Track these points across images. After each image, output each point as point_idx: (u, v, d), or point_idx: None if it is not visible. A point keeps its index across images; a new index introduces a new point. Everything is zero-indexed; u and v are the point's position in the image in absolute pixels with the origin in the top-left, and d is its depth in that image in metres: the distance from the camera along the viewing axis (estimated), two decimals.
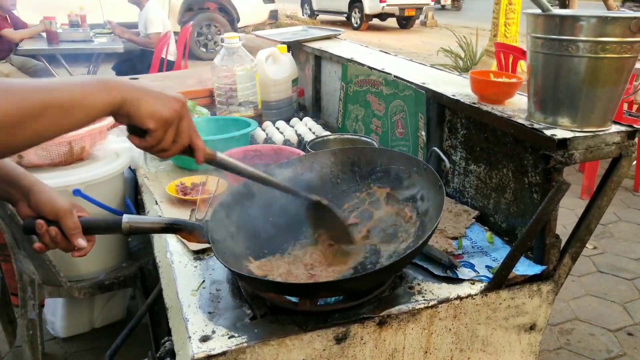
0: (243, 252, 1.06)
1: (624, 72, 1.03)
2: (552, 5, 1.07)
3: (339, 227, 1.10)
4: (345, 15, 14.35)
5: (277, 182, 1.02)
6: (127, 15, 6.78)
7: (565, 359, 2.20)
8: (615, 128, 1.07)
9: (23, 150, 0.72)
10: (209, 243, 0.98)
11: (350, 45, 2.25)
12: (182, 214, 1.38)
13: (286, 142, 1.82)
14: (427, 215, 1.05)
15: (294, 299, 0.99)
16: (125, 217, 0.92)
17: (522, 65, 4.87)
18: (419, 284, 1.08)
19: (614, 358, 2.20)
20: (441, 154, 1.16)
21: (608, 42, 0.98)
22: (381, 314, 0.98)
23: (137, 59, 5.10)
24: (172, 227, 0.97)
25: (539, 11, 1.07)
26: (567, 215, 3.25)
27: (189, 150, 0.85)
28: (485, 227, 1.30)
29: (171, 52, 5.12)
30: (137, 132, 0.79)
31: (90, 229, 0.95)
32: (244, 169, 0.95)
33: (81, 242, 0.94)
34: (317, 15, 15.69)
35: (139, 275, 1.85)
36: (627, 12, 0.99)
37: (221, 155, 0.90)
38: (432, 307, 1.02)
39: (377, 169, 1.18)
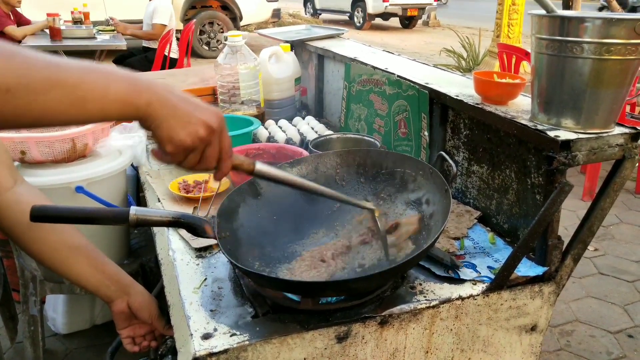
0: (248, 249, 1.06)
1: (628, 73, 1.02)
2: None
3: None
4: (348, 14, 14.35)
5: (328, 192, 0.97)
6: (130, 12, 6.79)
7: None
8: (618, 130, 1.07)
9: (18, 126, 0.65)
10: (216, 239, 0.98)
11: (353, 45, 2.25)
12: (184, 212, 1.38)
13: (289, 140, 1.82)
14: (433, 218, 1.05)
15: (295, 298, 0.99)
16: (133, 209, 0.92)
17: (525, 66, 4.87)
18: (420, 284, 1.08)
19: None
20: (448, 158, 1.16)
21: (613, 43, 0.98)
22: (383, 314, 0.98)
23: (137, 58, 5.10)
24: (179, 222, 0.97)
25: (543, 12, 1.07)
26: (568, 217, 3.25)
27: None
28: (488, 228, 1.30)
29: (173, 50, 5.12)
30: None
31: (97, 219, 0.95)
32: (288, 179, 0.89)
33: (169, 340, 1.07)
34: (320, 14, 15.69)
35: (141, 273, 1.85)
36: (632, 14, 0.99)
37: (260, 167, 0.83)
38: (433, 307, 1.02)
39: (383, 172, 1.18)
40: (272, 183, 0.88)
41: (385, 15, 13.79)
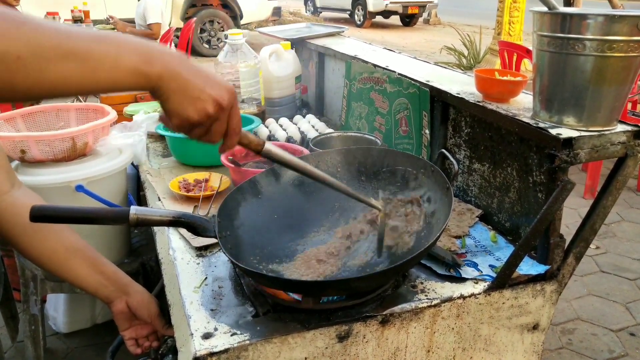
0: (249, 248, 1.06)
1: (630, 71, 1.02)
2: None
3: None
4: (349, 12, 14.34)
5: (336, 184, 0.95)
6: (130, 11, 6.77)
7: (567, 359, 2.19)
8: (621, 127, 1.07)
9: (30, 97, 0.63)
10: (216, 238, 0.97)
11: (354, 43, 2.24)
12: (184, 211, 1.38)
13: (289, 139, 1.81)
14: (434, 216, 1.05)
15: (296, 297, 0.99)
16: (133, 209, 0.92)
17: (526, 64, 4.86)
18: (422, 283, 1.07)
19: (616, 358, 2.20)
20: (450, 156, 1.16)
21: (615, 40, 0.97)
22: (384, 313, 0.98)
23: None
24: (179, 221, 0.97)
25: (545, 9, 1.06)
26: (569, 215, 3.25)
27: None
28: (489, 226, 1.30)
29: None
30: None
31: (97, 219, 0.95)
32: (296, 163, 0.87)
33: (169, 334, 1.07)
34: (320, 12, 15.68)
35: (141, 272, 1.84)
36: (635, 11, 0.98)
37: (269, 147, 0.82)
38: (435, 306, 1.02)
39: (384, 170, 1.18)
40: (281, 166, 0.86)
41: (386, 13, 13.77)
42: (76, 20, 5.51)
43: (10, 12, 0.58)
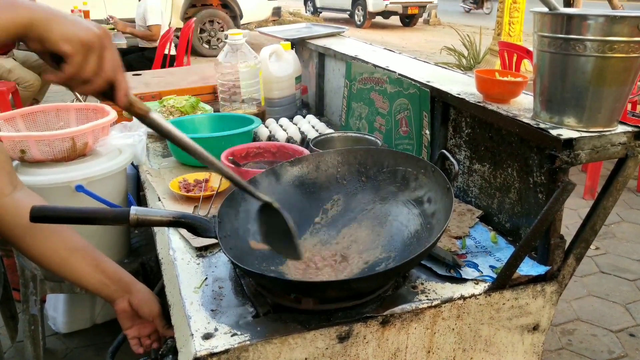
0: (249, 248, 1.06)
1: (631, 71, 1.02)
2: None
3: (287, 237, 0.95)
4: (349, 12, 14.33)
5: (213, 161, 0.86)
6: (130, 11, 6.77)
7: (566, 359, 2.19)
8: (621, 128, 1.07)
9: None
10: (217, 239, 0.97)
11: (354, 43, 2.24)
12: (184, 211, 1.38)
13: (289, 139, 1.81)
14: (435, 217, 1.05)
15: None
16: (133, 209, 0.92)
17: (526, 64, 4.86)
18: (422, 284, 1.07)
19: (615, 359, 2.19)
20: (450, 156, 1.16)
21: (616, 41, 0.97)
22: (384, 313, 0.98)
23: (134, 56, 5.09)
24: (179, 221, 0.97)
25: (546, 10, 1.06)
26: (569, 215, 3.25)
27: (112, 91, 0.74)
28: (489, 227, 1.29)
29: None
30: (55, 63, 0.70)
31: (97, 219, 0.95)
32: (178, 137, 0.82)
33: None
34: (320, 12, 15.67)
35: (141, 272, 1.84)
36: (635, 11, 0.98)
37: (155, 115, 0.79)
38: (435, 306, 1.02)
39: (384, 170, 1.18)
40: (161, 136, 0.85)
41: (386, 14, 13.76)
42: None
43: None
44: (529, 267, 1.11)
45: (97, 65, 0.70)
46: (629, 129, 1.06)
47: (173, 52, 5.12)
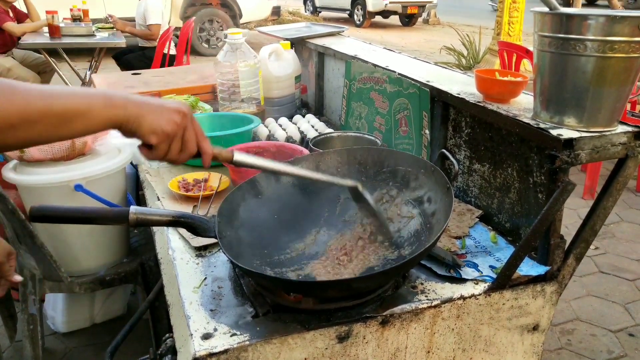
0: (249, 248, 1.06)
1: (632, 71, 1.02)
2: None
3: (373, 218, 1.10)
4: (348, 12, 14.32)
5: (306, 174, 1.02)
6: (129, 9, 6.76)
7: (566, 359, 2.19)
8: (621, 128, 1.06)
9: (8, 151, 0.75)
10: (216, 238, 0.97)
11: (353, 43, 2.24)
12: (184, 211, 1.38)
13: (289, 139, 1.81)
14: (435, 217, 1.05)
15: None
16: (133, 209, 0.92)
17: (526, 64, 4.85)
18: (422, 284, 1.07)
19: (615, 359, 2.19)
20: (450, 156, 1.16)
21: (616, 41, 0.97)
22: (384, 313, 0.97)
23: (134, 55, 5.08)
24: (179, 221, 0.97)
25: (546, 9, 1.06)
26: (569, 215, 3.25)
27: (200, 155, 0.85)
28: (489, 227, 1.29)
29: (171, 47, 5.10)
30: (146, 144, 0.81)
31: (96, 219, 0.95)
32: (267, 166, 0.94)
33: (17, 277, 1.10)
34: (320, 11, 15.66)
35: (140, 271, 1.84)
36: (636, 12, 0.98)
37: (240, 156, 0.89)
38: (435, 306, 1.02)
39: (384, 170, 1.17)
40: (252, 169, 0.95)
41: (385, 13, 13.74)
42: (75, 19, 5.50)
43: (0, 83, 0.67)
44: (528, 267, 1.11)
45: (180, 147, 0.82)
46: (629, 129, 1.06)
47: (172, 51, 5.11)
